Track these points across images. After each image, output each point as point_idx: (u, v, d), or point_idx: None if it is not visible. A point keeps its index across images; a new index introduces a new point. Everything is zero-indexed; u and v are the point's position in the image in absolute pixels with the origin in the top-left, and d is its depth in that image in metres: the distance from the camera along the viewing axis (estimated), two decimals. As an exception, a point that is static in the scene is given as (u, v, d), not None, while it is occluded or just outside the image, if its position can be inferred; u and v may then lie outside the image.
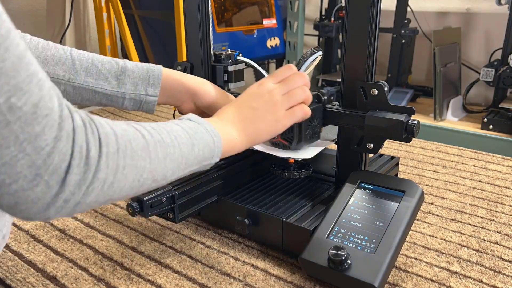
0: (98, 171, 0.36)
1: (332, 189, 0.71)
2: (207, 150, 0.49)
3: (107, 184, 0.38)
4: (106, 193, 0.38)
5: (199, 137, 0.49)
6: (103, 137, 0.37)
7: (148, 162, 0.42)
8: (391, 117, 0.60)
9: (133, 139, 0.41)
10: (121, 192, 0.40)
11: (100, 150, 0.37)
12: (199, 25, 0.80)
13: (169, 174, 0.45)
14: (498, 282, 0.57)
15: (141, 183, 0.42)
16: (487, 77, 1.47)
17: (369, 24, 0.60)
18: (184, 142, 0.46)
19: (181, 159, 0.46)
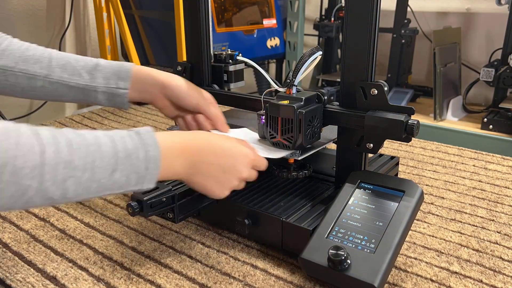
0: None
1: (332, 189, 0.71)
2: (134, 177, 0.47)
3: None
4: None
5: (129, 162, 0.46)
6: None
7: (37, 181, 0.40)
8: (390, 117, 0.60)
9: (22, 156, 0.39)
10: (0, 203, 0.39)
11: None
12: (199, 25, 0.80)
13: (72, 195, 0.43)
14: (498, 282, 0.57)
15: (27, 200, 0.41)
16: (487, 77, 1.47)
17: (369, 24, 0.60)
18: (102, 166, 0.44)
19: (90, 183, 0.44)
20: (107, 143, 0.46)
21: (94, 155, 0.44)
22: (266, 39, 1.87)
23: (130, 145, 0.47)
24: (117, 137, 0.47)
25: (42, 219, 0.74)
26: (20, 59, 0.66)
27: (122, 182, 0.46)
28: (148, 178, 0.48)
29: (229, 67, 0.80)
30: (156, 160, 0.48)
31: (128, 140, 0.47)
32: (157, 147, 0.49)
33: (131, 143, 0.47)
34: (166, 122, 1.27)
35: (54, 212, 0.76)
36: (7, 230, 0.70)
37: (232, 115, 0.87)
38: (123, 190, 0.47)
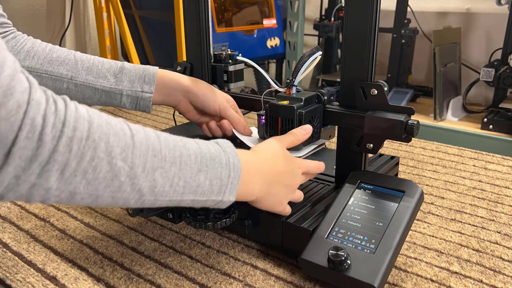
0: (56, 152, 0.34)
1: (332, 189, 0.71)
2: (217, 183, 0.46)
3: (68, 170, 0.35)
4: (69, 181, 0.36)
5: (213, 165, 0.45)
6: (70, 119, 0.35)
7: (128, 164, 0.38)
8: (390, 117, 0.60)
9: (115, 134, 0.38)
10: (89, 187, 0.37)
11: (62, 130, 0.34)
12: (199, 25, 0.80)
13: (159, 192, 0.41)
14: (498, 282, 0.57)
15: (117, 186, 0.38)
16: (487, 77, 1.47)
17: (369, 24, 0.60)
18: (189, 163, 0.43)
19: (177, 180, 0.42)
20: (192, 143, 0.45)
21: (181, 150, 0.43)
22: (266, 39, 1.87)
23: (213, 149, 0.46)
24: (199, 141, 0.46)
25: (42, 219, 0.74)
26: (45, 61, 0.66)
27: (206, 187, 0.45)
28: (229, 188, 0.47)
29: (229, 67, 0.81)
30: (238, 168, 0.47)
31: (210, 145, 0.47)
32: (237, 157, 0.48)
33: (214, 148, 0.47)
34: (166, 123, 1.27)
35: (54, 212, 0.76)
36: (7, 230, 0.70)
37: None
38: (205, 198, 0.45)
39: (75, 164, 0.35)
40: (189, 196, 0.44)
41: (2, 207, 0.78)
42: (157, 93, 0.69)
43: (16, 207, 0.78)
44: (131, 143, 0.39)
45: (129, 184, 0.39)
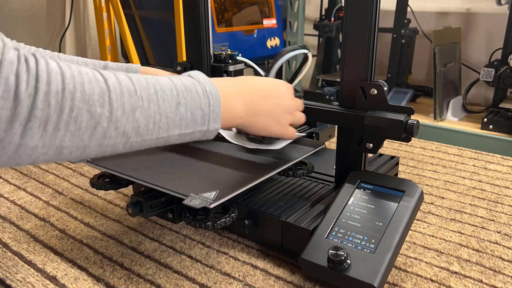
0: (35, 109, 0.34)
1: (332, 189, 0.71)
2: (198, 113, 0.46)
3: (50, 125, 0.35)
4: (53, 136, 0.36)
5: (190, 96, 0.45)
6: (42, 74, 0.35)
7: (107, 110, 0.38)
8: (390, 117, 0.60)
9: (89, 82, 0.38)
10: (75, 139, 0.37)
11: (36, 87, 0.34)
12: (199, 25, 0.80)
13: (143, 131, 0.42)
14: (497, 282, 0.58)
15: (102, 133, 0.39)
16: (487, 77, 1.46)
17: (368, 24, 0.60)
18: (166, 98, 0.43)
19: (159, 117, 0.43)
20: (165, 79, 0.45)
21: (156, 87, 0.43)
22: (266, 39, 1.87)
23: (186, 81, 0.46)
24: (172, 76, 0.46)
25: (42, 219, 0.74)
26: None
27: (189, 119, 0.45)
28: (213, 116, 0.47)
29: (229, 67, 0.80)
30: (216, 95, 0.47)
31: (183, 78, 0.47)
32: (212, 84, 0.48)
33: (187, 80, 0.47)
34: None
35: (54, 212, 0.76)
36: (7, 230, 0.70)
37: None
38: (191, 130, 0.46)
39: (56, 118, 0.36)
40: (175, 131, 0.45)
41: (2, 207, 0.78)
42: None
43: (16, 207, 0.78)
44: (105, 88, 0.39)
45: (113, 129, 0.39)
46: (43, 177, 0.91)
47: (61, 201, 0.81)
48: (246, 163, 0.64)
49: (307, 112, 0.70)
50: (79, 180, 0.90)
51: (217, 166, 0.63)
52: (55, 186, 0.87)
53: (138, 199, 0.60)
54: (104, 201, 0.81)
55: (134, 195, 0.61)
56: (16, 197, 0.82)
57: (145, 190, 0.62)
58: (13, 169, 0.95)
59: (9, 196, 0.83)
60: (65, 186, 0.87)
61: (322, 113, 0.68)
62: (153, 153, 0.68)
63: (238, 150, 0.69)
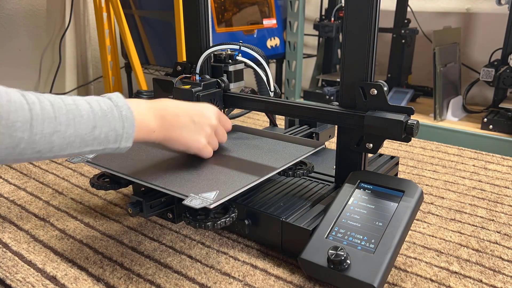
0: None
1: (332, 189, 0.71)
2: (112, 134, 0.51)
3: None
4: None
5: (107, 120, 0.51)
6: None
7: (27, 135, 0.45)
8: (390, 117, 0.60)
9: (14, 111, 0.44)
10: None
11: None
12: (199, 25, 0.80)
13: (57, 149, 0.48)
14: (497, 282, 0.58)
15: (19, 152, 0.45)
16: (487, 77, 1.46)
17: (369, 24, 0.60)
18: (83, 122, 0.49)
19: (73, 138, 0.48)
20: (84, 104, 0.50)
21: (74, 112, 0.49)
22: (266, 39, 1.87)
23: (104, 106, 0.52)
24: (91, 100, 0.52)
25: (42, 219, 0.74)
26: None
27: (102, 139, 0.51)
28: (125, 137, 0.53)
29: (229, 67, 0.81)
30: (130, 119, 0.53)
31: (101, 103, 0.52)
32: (128, 107, 0.53)
33: (105, 105, 0.52)
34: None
35: (54, 212, 0.76)
36: (7, 230, 0.70)
37: None
38: (103, 147, 0.51)
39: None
40: (86, 148, 0.50)
41: (2, 207, 0.78)
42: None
43: (16, 207, 0.78)
44: (29, 117, 0.45)
45: (29, 149, 0.46)
46: (43, 177, 0.91)
47: (61, 201, 0.81)
48: (246, 163, 0.64)
49: (307, 112, 0.70)
50: (79, 180, 0.90)
51: (217, 166, 0.63)
52: (55, 186, 0.87)
53: (138, 199, 0.60)
54: (104, 201, 0.81)
55: (134, 195, 0.61)
56: (16, 197, 0.82)
57: (145, 190, 0.62)
58: (13, 169, 0.95)
59: (9, 196, 0.83)
60: (65, 186, 0.87)
61: (322, 113, 0.68)
62: (153, 154, 0.68)
63: (238, 151, 0.69)
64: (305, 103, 0.70)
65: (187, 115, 0.61)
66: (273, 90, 0.77)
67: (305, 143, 0.71)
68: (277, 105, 0.73)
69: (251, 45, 0.78)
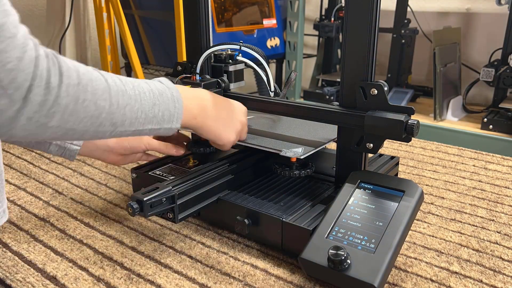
0: (59, 97, 0.42)
1: (332, 189, 0.71)
2: (167, 114, 0.55)
3: (68, 111, 0.43)
4: (67, 120, 0.44)
5: (162, 99, 0.54)
6: (64, 69, 0.42)
7: (108, 104, 0.47)
8: (390, 117, 0.60)
9: (95, 79, 0.46)
10: (81, 124, 0.45)
11: (61, 80, 0.42)
12: (199, 25, 0.80)
13: (127, 123, 0.50)
14: (497, 282, 0.58)
15: (100, 122, 0.47)
16: (487, 77, 1.46)
17: (369, 24, 0.60)
18: (146, 99, 0.52)
19: (140, 113, 0.51)
20: (144, 84, 0.53)
21: (139, 89, 0.51)
22: (266, 39, 1.87)
23: (159, 86, 0.55)
24: (147, 80, 0.55)
25: (42, 219, 0.74)
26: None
27: (159, 117, 0.54)
28: (176, 116, 0.56)
29: (229, 67, 0.80)
30: (180, 100, 0.56)
31: (156, 83, 0.55)
32: (177, 90, 0.57)
33: (160, 86, 0.55)
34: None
35: (54, 212, 0.76)
36: (7, 230, 0.70)
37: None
38: (159, 126, 0.54)
39: (73, 105, 0.43)
40: (148, 126, 0.53)
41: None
42: (84, 147, 0.71)
43: (16, 207, 0.78)
44: (106, 86, 0.47)
45: (108, 119, 0.48)
46: (43, 177, 0.91)
47: (61, 201, 0.81)
48: (312, 130, 0.76)
49: (307, 112, 0.70)
50: (79, 180, 0.90)
51: (290, 133, 0.75)
52: (55, 186, 0.87)
53: (138, 198, 0.60)
54: (104, 201, 0.81)
55: (134, 195, 0.60)
56: (16, 197, 0.82)
57: (145, 191, 0.62)
58: (13, 169, 0.95)
59: (9, 196, 0.83)
60: (65, 186, 0.87)
61: (322, 113, 0.68)
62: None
63: (295, 124, 0.80)
64: (305, 103, 0.70)
65: (224, 109, 0.65)
66: (273, 90, 0.77)
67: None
68: (277, 105, 0.73)
69: (251, 45, 0.78)
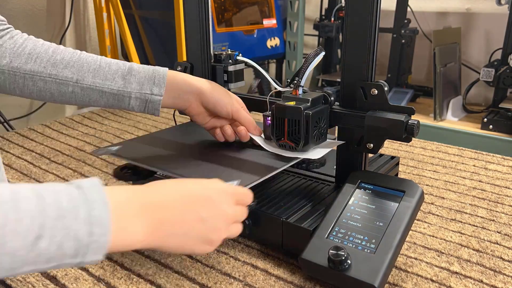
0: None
1: (332, 189, 0.71)
2: (70, 246, 0.35)
3: None
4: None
5: (62, 225, 0.34)
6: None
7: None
8: (391, 117, 0.60)
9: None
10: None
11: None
12: (199, 25, 0.80)
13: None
14: (498, 282, 0.57)
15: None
16: (487, 77, 1.47)
17: (369, 24, 0.60)
18: (19, 232, 0.32)
19: (2, 257, 0.32)
20: (31, 200, 0.34)
21: (7, 216, 0.32)
22: (266, 39, 1.87)
23: (65, 201, 0.35)
24: (47, 192, 0.35)
25: (42, 219, 0.74)
26: (48, 64, 0.63)
27: (52, 253, 0.34)
28: (93, 247, 0.36)
29: (229, 67, 0.80)
30: (105, 221, 0.37)
31: (63, 196, 0.36)
32: (105, 204, 0.37)
33: (67, 199, 0.36)
34: (166, 123, 1.27)
35: (54, 212, 0.76)
36: (7, 230, 0.70)
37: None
38: (55, 264, 0.35)
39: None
40: (24, 268, 0.34)
41: (2, 207, 0.78)
42: (167, 95, 0.65)
43: (16, 207, 0.78)
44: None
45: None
46: (43, 177, 0.91)
47: (61, 201, 0.81)
48: (266, 154, 0.67)
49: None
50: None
51: (239, 157, 0.66)
52: (55, 186, 0.87)
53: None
54: (104, 201, 0.81)
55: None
56: (16, 197, 0.82)
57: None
58: (13, 169, 0.95)
59: (9, 196, 0.83)
60: (65, 186, 0.87)
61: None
62: (176, 145, 0.72)
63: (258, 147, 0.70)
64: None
65: (196, 218, 0.44)
66: (281, 85, 0.74)
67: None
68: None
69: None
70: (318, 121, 0.64)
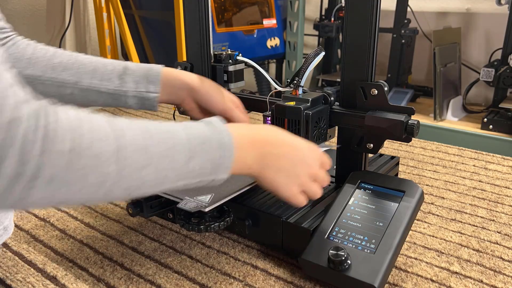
0: (41, 167, 0.34)
1: (332, 189, 0.71)
2: (209, 165, 0.45)
3: (57, 182, 0.35)
4: (58, 191, 0.36)
5: (203, 150, 0.45)
6: (51, 133, 0.35)
7: (115, 169, 0.38)
8: (391, 117, 0.60)
9: (99, 140, 0.37)
10: (77, 195, 0.37)
11: (43, 146, 0.34)
12: (199, 25, 0.80)
13: (148, 185, 0.41)
14: (498, 282, 0.57)
15: (105, 191, 0.39)
16: (487, 77, 1.47)
17: (369, 24, 0.60)
18: (178, 153, 0.43)
19: (166, 172, 0.42)
20: (180, 131, 0.44)
21: (169, 142, 0.42)
22: (266, 39, 1.87)
23: (203, 132, 0.46)
24: (189, 125, 0.46)
25: (42, 219, 0.74)
26: (47, 67, 0.65)
27: (197, 171, 0.44)
28: (222, 167, 0.46)
29: (229, 67, 0.80)
30: (230, 147, 0.47)
31: (201, 127, 0.46)
32: (229, 134, 0.47)
33: (204, 131, 0.46)
34: (166, 122, 1.27)
35: (54, 212, 0.76)
36: (7, 230, 0.70)
37: None
38: (198, 180, 0.45)
39: (64, 175, 0.35)
40: (180, 182, 0.44)
41: (2, 207, 0.78)
42: (162, 92, 0.68)
43: (16, 207, 0.78)
44: (115, 147, 0.38)
45: (117, 186, 0.39)
46: (43, 177, 0.91)
47: (61, 201, 0.81)
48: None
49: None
50: (79, 180, 0.90)
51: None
52: (55, 186, 0.87)
53: (138, 199, 0.60)
54: (104, 201, 0.81)
55: (134, 195, 0.60)
56: (16, 197, 0.82)
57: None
58: (13, 169, 0.95)
59: (9, 196, 0.83)
60: (65, 186, 0.87)
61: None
62: None
63: None
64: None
65: (288, 158, 0.52)
66: (282, 85, 0.74)
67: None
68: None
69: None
70: (318, 121, 0.64)
